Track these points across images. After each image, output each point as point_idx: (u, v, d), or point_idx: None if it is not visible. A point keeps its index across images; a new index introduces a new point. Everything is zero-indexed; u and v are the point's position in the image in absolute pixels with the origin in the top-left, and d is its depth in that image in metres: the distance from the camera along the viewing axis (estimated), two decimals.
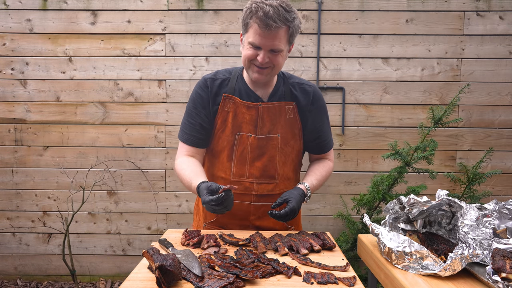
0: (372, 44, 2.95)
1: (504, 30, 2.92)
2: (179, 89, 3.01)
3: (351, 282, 1.06)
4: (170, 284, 1.02)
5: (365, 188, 2.92)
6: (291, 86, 1.60)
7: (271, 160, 1.56)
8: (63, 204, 3.06)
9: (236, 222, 1.60)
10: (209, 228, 1.66)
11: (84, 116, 3.03)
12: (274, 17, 1.34)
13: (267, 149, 1.55)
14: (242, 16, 1.46)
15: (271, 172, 1.57)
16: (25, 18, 2.98)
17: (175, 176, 3.04)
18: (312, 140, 1.64)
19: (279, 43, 1.41)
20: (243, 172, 1.56)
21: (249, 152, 1.54)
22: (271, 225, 1.61)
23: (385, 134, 3.00)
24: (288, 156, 1.59)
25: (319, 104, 1.62)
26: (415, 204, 1.26)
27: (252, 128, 1.54)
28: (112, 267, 3.13)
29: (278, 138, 1.55)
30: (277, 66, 1.47)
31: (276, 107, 1.55)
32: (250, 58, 1.45)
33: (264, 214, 1.58)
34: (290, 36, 1.45)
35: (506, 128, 2.97)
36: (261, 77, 1.47)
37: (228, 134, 1.55)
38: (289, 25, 1.40)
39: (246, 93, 1.56)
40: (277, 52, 1.43)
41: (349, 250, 2.55)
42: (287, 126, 1.57)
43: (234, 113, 1.54)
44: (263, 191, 1.57)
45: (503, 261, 0.98)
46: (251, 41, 1.41)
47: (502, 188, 3.00)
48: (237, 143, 1.54)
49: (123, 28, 2.98)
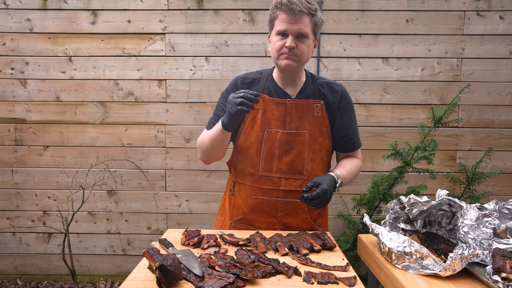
0: (372, 44, 2.95)
1: (505, 30, 2.92)
2: (179, 89, 3.01)
3: (351, 282, 1.06)
4: (170, 284, 1.02)
5: (365, 188, 2.92)
6: (319, 85, 1.64)
7: (299, 155, 1.57)
8: (63, 204, 3.06)
9: (263, 219, 1.60)
10: (235, 226, 1.65)
11: (84, 116, 3.03)
12: (297, 3, 1.45)
13: (295, 145, 1.57)
14: (268, 15, 1.55)
15: (299, 167, 1.58)
16: (25, 17, 2.98)
17: (175, 176, 3.05)
18: (341, 138, 1.66)
19: (304, 27, 1.48)
20: (271, 167, 1.57)
21: (277, 148, 1.57)
22: (299, 223, 1.60)
23: (385, 134, 3.00)
24: (317, 153, 1.60)
25: (347, 103, 1.65)
26: (415, 204, 1.26)
27: (281, 124, 1.57)
28: (112, 267, 3.13)
29: (306, 134, 1.58)
30: (304, 54, 1.51)
31: (305, 105, 1.58)
32: (279, 48, 1.50)
33: (292, 211, 1.59)
34: (315, 25, 1.51)
35: (506, 128, 2.97)
36: (290, 63, 1.51)
37: (257, 130, 1.58)
38: (312, 13, 1.49)
39: (275, 90, 1.61)
40: (303, 38, 1.49)
41: (349, 250, 2.55)
42: (315, 124, 1.59)
43: (263, 110, 1.58)
44: (291, 187, 1.57)
45: (503, 261, 0.98)
46: (278, 29, 1.49)
47: (502, 188, 3.00)
48: (266, 138, 1.57)
49: (123, 28, 2.98)
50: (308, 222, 1.62)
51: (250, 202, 1.59)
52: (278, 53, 1.51)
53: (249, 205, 1.60)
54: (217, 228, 1.75)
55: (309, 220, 1.62)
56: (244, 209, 1.61)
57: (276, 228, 1.59)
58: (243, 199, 1.62)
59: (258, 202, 1.58)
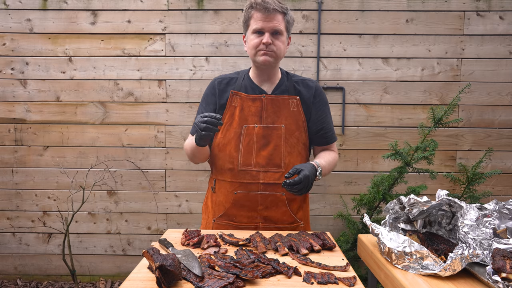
0: (372, 44, 2.95)
1: (504, 30, 2.92)
2: (179, 89, 3.01)
3: (351, 282, 1.06)
4: (170, 284, 1.02)
5: (365, 188, 2.92)
6: (294, 82, 1.71)
7: (276, 149, 1.63)
8: (63, 204, 3.06)
9: (244, 214, 1.65)
10: (218, 223, 1.69)
11: (84, 116, 3.03)
12: (270, 2, 1.55)
13: (272, 138, 1.63)
14: (243, 16, 1.64)
15: (277, 161, 1.63)
16: (25, 18, 2.98)
17: (175, 176, 3.05)
18: (317, 132, 1.73)
19: (279, 24, 1.57)
20: (250, 161, 1.63)
21: (255, 142, 1.63)
22: (279, 216, 1.64)
23: (385, 134, 3.00)
24: (294, 147, 1.66)
25: (321, 98, 1.73)
26: (415, 204, 1.26)
27: (258, 119, 1.64)
28: (112, 267, 3.13)
29: (283, 128, 1.64)
30: (280, 49, 1.60)
31: (280, 100, 1.65)
32: (256, 45, 1.58)
33: (272, 204, 1.63)
34: (287, 23, 1.61)
35: (506, 128, 2.97)
36: (268, 59, 1.58)
37: (235, 126, 1.64)
38: (284, 12, 1.59)
39: (251, 88, 1.68)
40: (278, 34, 1.58)
41: (349, 250, 2.55)
42: (291, 118, 1.65)
43: (241, 107, 1.64)
44: (269, 180, 1.63)
45: (503, 261, 0.98)
46: (255, 27, 1.57)
47: (502, 188, 3.00)
48: (244, 134, 1.63)
49: (123, 28, 2.98)
50: (288, 215, 1.66)
51: (231, 198, 1.64)
52: (256, 50, 1.59)
53: (230, 200, 1.65)
54: (202, 227, 1.79)
55: (290, 213, 1.66)
56: (226, 205, 1.66)
57: (257, 222, 1.64)
58: (224, 196, 1.67)
59: (238, 197, 1.63)
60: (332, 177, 3.01)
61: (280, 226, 1.65)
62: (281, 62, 2.95)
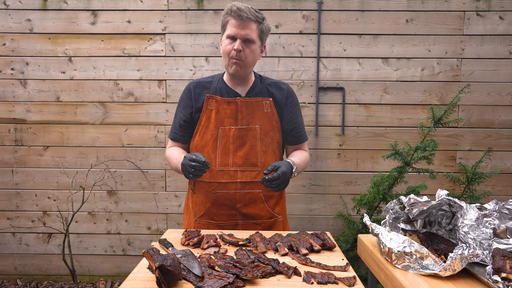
0: (372, 44, 2.95)
1: (504, 30, 2.92)
2: (179, 89, 3.01)
3: (351, 282, 1.06)
4: (170, 284, 1.02)
5: (365, 188, 2.92)
6: (267, 85, 1.79)
7: (252, 148, 1.70)
8: (63, 204, 3.06)
9: (224, 212, 1.71)
10: (199, 223, 1.75)
11: (84, 116, 3.03)
12: (245, 11, 1.60)
13: (248, 139, 1.70)
14: (221, 21, 1.69)
15: (253, 160, 1.70)
16: (25, 18, 2.98)
17: (175, 176, 3.05)
18: (289, 131, 1.80)
19: (251, 33, 1.62)
20: (227, 162, 1.69)
21: (231, 143, 1.69)
22: (257, 212, 1.71)
23: (385, 134, 3.00)
24: (269, 146, 1.73)
25: (293, 99, 1.81)
26: (415, 204, 1.26)
27: (233, 121, 1.70)
28: (112, 267, 3.13)
29: (257, 129, 1.71)
30: (248, 58, 1.65)
31: (254, 102, 1.72)
32: (228, 51, 1.64)
33: (250, 201, 1.70)
34: (261, 32, 1.66)
35: (506, 128, 2.97)
36: (238, 69, 1.65)
37: (212, 128, 1.70)
38: (259, 21, 1.64)
39: (226, 91, 1.74)
40: (250, 43, 1.63)
41: (349, 250, 2.55)
42: (265, 119, 1.72)
43: (216, 110, 1.70)
44: (247, 178, 1.69)
45: (503, 261, 0.98)
46: (228, 33, 1.63)
47: (502, 188, 3.00)
48: (221, 136, 1.70)
49: (123, 28, 2.98)
50: (266, 211, 1.73)
51: (211, 197, 1.70)
52: (228, 58, 1.65)
53: (210, 200, 1.70)
54: (184, 227, 1.84)
55: (267, 209, 1.73)
56: (206, 205, 1.72)
57: (237, 219, 1.70)
58: (204, 196, 1.73)
59: (218, 196, 1.69)
60: (332, 177, 3.02)
61: (259, 222, 1.72)
62: (282, 62, 2.97)
